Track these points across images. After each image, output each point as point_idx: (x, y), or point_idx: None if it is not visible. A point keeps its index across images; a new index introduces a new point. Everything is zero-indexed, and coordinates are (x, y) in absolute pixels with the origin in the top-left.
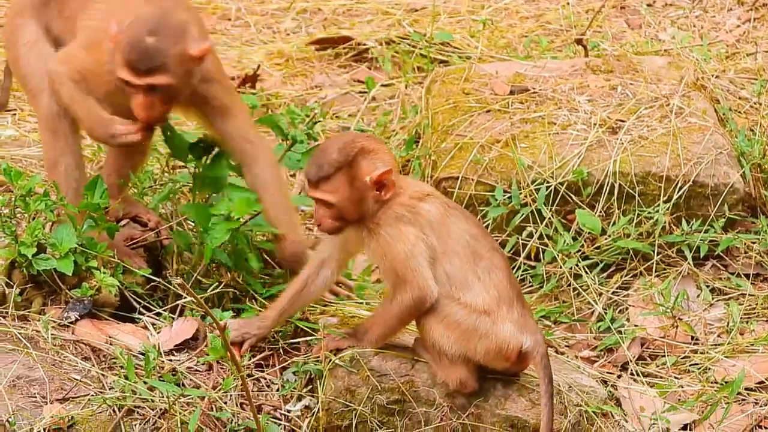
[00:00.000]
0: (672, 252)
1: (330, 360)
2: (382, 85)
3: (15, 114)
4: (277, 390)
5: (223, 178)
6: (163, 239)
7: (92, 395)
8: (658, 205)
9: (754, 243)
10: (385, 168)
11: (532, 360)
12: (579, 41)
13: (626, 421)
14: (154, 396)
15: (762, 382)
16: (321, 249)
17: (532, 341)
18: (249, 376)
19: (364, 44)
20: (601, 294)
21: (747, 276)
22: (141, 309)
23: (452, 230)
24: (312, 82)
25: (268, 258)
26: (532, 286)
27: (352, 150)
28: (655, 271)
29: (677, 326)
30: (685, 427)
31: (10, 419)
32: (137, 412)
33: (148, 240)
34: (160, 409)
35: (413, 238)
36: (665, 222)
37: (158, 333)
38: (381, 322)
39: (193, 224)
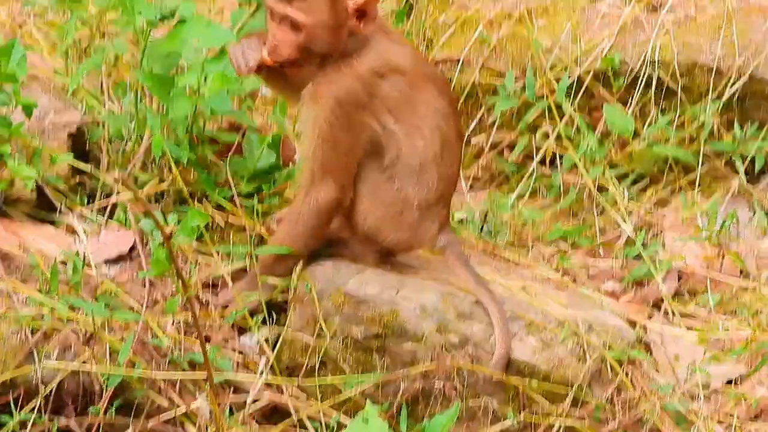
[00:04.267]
0: (720, 163)
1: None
2: None
3: None
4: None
5: (177, 55)
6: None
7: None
8: (706, 103)
9: None
10: None
11: (445, 258)
12: None
13: (657, 371)
14: (77, 317)
15: None
16: None
17: (446, 239)
18: (197, 298)
19: None
20: (631, 212)
21: None
22: (63, 208)
23: (419, 110)
24: None
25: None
26: (546, 198)
27: None
28: (699, 186)
29: (724, 256)
30: (730, 382)
31: None
32: (56, 337)
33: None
34: (85, 333)
35: (356, 125)
36: (714, 125)
37: (86, 239)
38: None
39: (121, 107)
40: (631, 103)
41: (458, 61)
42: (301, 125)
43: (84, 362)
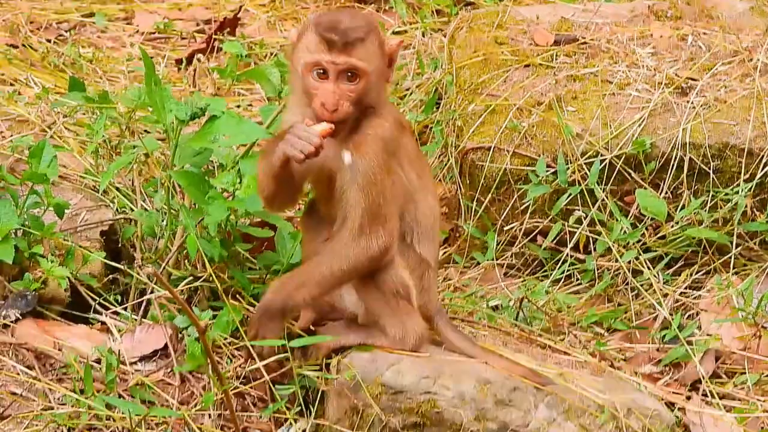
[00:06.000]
0: (754, 244)
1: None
2: (394, 33)
3: None
4: (266, 409)
5: (209, 151)
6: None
7: (37, 413)
8: (738, 184)
9: None
10: (398, 40)
11: (434, 325)
12: None
13: None
14: (113, 415)
15: None
16: None
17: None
18: (233, 391)
19: None
20: (666, 295)
21: None
22: (97, 307)
23: (424, 166)
24: None
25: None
26: (580, 284)
27: (372, 20)
28: (734, 267)
29: (761, 336)
30: None
31: None
32: None
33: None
34: (123, 431)
35: (394, 173)
36: (746, 206)
37: (120, 337)
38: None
39: (153, 204)
40: (663, 186)
41: (489, 148)
42: (344, 178)
43: None
